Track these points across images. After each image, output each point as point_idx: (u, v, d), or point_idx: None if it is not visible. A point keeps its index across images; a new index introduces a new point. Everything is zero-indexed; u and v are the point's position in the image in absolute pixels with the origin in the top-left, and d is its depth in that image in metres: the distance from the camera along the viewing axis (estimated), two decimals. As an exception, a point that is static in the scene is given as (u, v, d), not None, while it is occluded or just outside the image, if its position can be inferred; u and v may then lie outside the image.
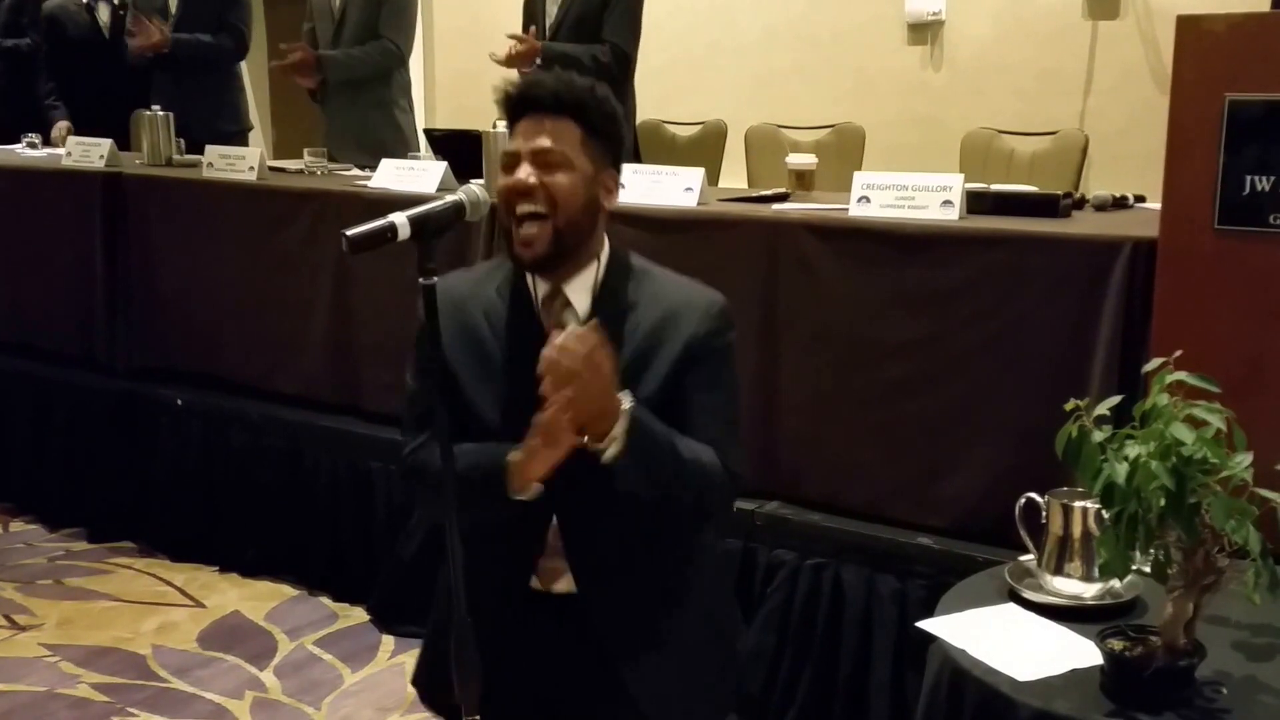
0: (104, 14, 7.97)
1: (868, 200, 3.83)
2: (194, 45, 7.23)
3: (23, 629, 4.77)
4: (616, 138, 2.58)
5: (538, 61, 5.53)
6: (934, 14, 7.25)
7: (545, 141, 2.45)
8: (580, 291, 2.54)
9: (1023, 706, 2.27)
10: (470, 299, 2.62)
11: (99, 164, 5.84)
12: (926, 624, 2.61)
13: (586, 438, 2.32)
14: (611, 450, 2.31)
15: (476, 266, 2.74)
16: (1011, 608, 2.67)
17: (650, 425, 2.37)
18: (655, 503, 2.42)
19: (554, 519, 2.56)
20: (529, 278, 2.57)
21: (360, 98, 6.42)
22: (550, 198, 2.43)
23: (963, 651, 2.46)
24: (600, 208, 2.53)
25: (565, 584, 2.60)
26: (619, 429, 2.31)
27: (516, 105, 2.51)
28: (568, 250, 2.49)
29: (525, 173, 2.44)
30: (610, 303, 2.54)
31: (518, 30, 5.89)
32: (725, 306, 2.59)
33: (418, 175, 4.86)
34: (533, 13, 5.94)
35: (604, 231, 2.59)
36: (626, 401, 2.33)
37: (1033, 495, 2.82)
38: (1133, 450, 2.16)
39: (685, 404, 2.50)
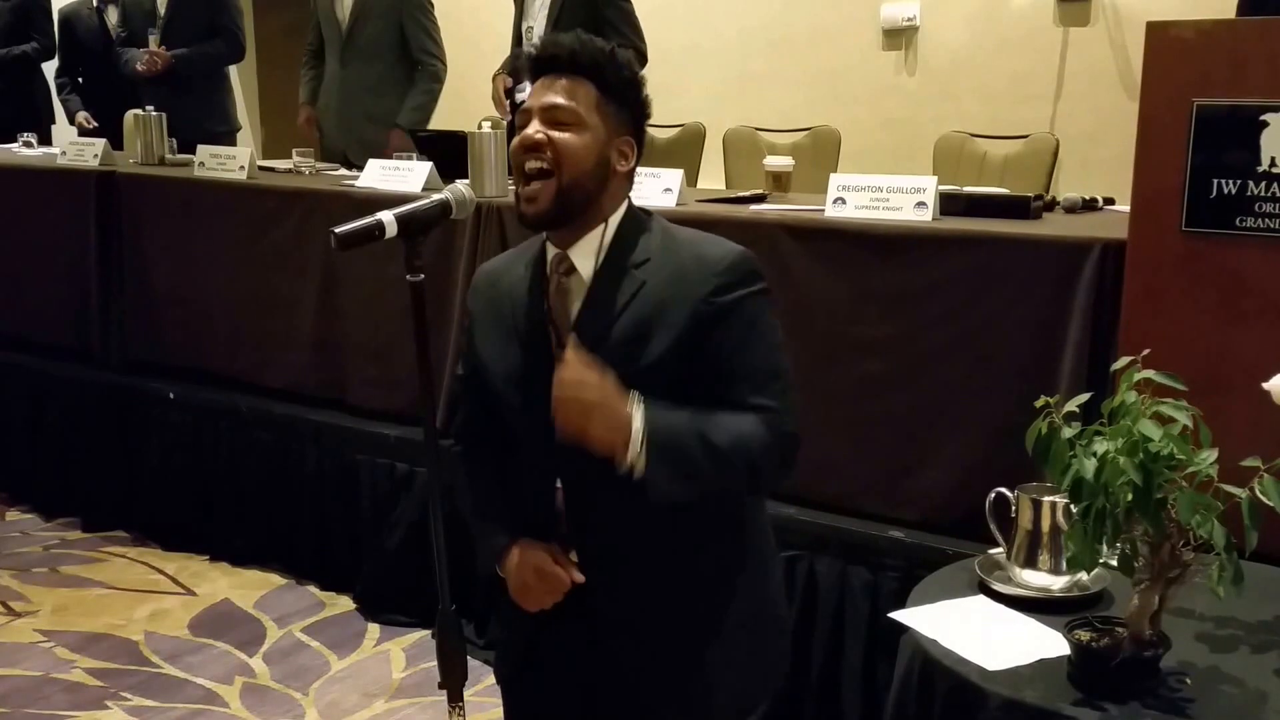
0: (113, 16, 8.01)
1: (843, 201, 3.89)
2: (195, 60, 7.31)
3: (19, 615, 4.84)
4: (636, 104, 2.49)
5: None
6: (908, 19, 7.29)
7: (557, 99, 2.39)
8: (585, 256, 2.44)
9: (992, 695, 2.31)
10: (503, 275, 2.58)
11: (93, 163, 5.90)
12: (898, 615, 2.65)
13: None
14: (638, 468, 2.25)
15: (521, 245, 2.65)
16: (981, 599, 2.71)
17: (668, 427, 2.27)
18: (703, 495, 2.35)
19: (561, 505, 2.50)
20: (547, 247, 2.50)
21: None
22: (556, 155, 2.37)
23: (933, 641, 2.50)
24: (612, 172, 2.44)
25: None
26: (636, 444, 2.24)
27: (536, 64, 2.45)
28: (572, 210, 2.41)
29: (534, 128, 2.39)
30: (616, 266, 2.44)
31: (507, 35, 5.96)
32: (738, 261, 2.43)
33: (404, 175, 4.93)
34: (520, 19, 5.94)
35: (620, 196, 2.49)
36: (637, 418, 2.25)
37: (1002, 490, 2.86)
38: (1101, 446, 2.19)
39: (718, 370, 2.37)
